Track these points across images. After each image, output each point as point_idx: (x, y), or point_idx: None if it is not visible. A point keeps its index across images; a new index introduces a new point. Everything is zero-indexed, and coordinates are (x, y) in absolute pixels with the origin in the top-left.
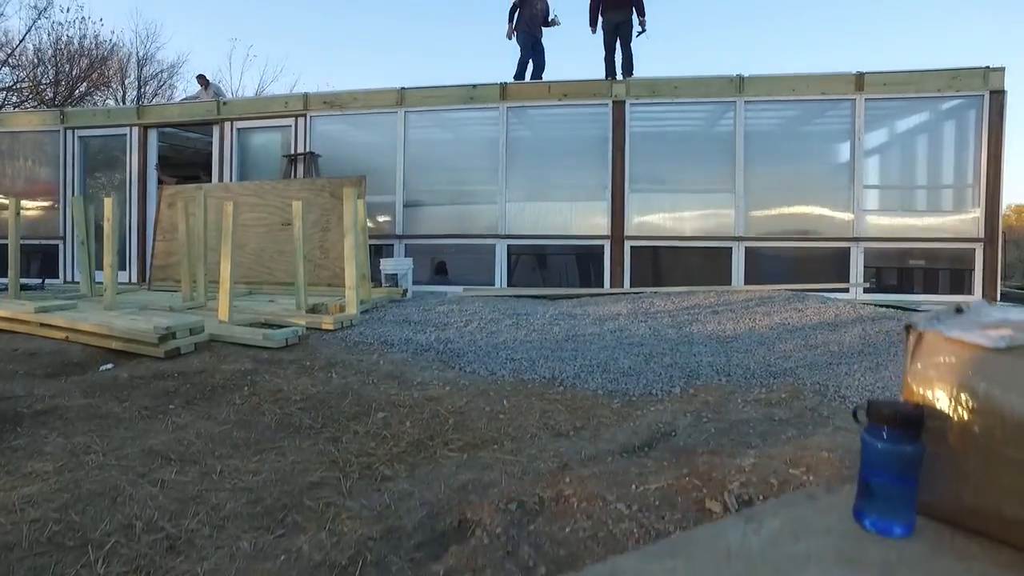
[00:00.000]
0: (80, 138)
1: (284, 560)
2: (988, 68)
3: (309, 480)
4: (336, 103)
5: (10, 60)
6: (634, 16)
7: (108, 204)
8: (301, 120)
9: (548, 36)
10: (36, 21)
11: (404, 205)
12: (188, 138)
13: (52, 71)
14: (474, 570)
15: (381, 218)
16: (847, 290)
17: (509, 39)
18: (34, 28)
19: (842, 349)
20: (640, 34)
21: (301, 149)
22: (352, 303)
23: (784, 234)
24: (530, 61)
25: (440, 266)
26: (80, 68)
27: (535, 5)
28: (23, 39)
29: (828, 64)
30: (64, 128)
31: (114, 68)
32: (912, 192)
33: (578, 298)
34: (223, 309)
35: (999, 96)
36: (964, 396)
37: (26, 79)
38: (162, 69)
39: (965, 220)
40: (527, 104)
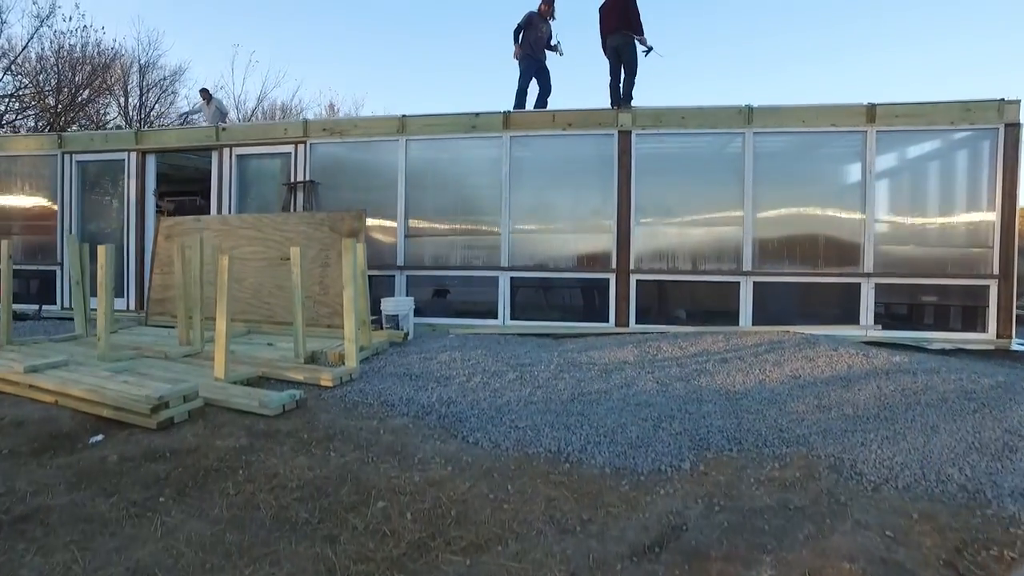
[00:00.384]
0: (78, 162)
1: None
2: (1003, 100)
3: None
4: (336, 130)
5: (12, 67)
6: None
7: (102, 252)
8: (301, 147)
9: (553, 60)
10: (39, 29)
11: (405, 236)
12: (188, 157)
13: (55, 78)
14: None
15: (382, 247)
16: (858, 329)
17: (516, 59)
18: (36, 36)
19: (856, 412)
20: (648, 52)
21: (301, 176)
22: (351, 356)
23: (792, 269)
24: (529, 89)
25: (442, 295)
26: (83, 75)
27: (540, 28)
28: (25, 46)
29: (837, 83)
30: (62, 152)
31: (116, 75)
32: (924, 227)
33: (583, 338)
34: (219, 366)
35: (1015, 129)
36: None
37: (29, 86)
38: (164, 76)
39: (979, 256)
40: (531, 133)
